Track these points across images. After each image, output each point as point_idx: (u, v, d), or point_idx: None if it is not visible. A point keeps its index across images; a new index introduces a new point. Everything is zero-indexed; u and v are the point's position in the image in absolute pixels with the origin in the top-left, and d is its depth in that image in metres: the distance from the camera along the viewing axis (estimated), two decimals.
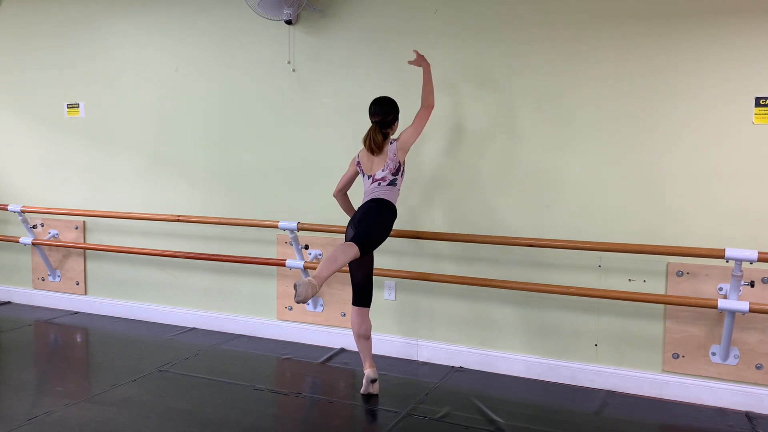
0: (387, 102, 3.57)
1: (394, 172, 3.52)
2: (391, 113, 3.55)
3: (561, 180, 3.75)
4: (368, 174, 3.57)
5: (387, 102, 3.57)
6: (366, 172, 3.59)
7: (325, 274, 3.15)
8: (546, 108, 3.75)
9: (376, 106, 3.56)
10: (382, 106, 3.55)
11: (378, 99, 3.60)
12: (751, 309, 3.20)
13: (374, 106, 3.57)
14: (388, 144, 3.54)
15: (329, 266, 3.18)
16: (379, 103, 3.57)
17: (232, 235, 4.67)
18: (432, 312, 4.13)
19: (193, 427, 3.14)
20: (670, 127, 3.51)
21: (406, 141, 3.53)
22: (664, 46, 3.49)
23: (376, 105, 3.57)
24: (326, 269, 3.16)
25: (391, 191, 3.53)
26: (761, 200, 3.35)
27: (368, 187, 3.56)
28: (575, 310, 3.77)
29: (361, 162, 3.62)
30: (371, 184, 3.55)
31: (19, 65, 5.39)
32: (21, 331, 4.78)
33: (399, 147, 3.52)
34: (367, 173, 3.58)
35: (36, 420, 3.18)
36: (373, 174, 3.54)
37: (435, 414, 3.31)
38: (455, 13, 3.94)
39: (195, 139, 4.77)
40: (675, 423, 3.30)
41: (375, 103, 3.58)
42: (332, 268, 3.18)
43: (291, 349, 4.36)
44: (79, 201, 5.22)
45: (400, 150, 3.53)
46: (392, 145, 3.54)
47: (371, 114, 3.56)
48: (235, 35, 4.56)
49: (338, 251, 3.24)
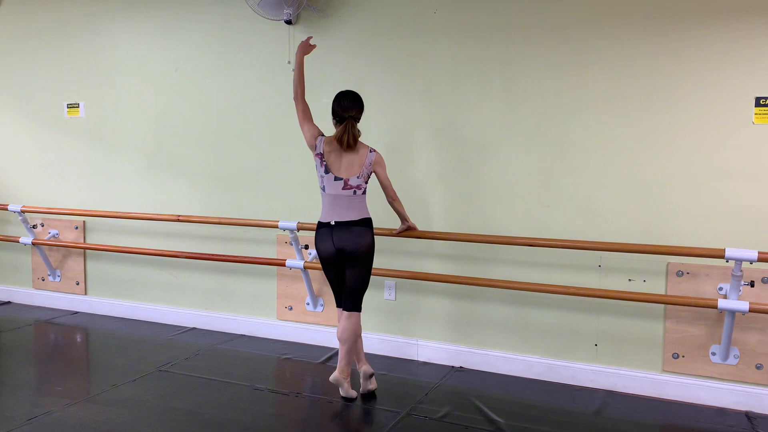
0: (359, 97, 3.42)
1: (366, 180, 3.43)
2: (362, 109, 3.43)
3: (561, 180, 3.75)
4: (338, 175, 3.37)
5: (359, 97, 3.42)
6: (334, 171, 3.37)
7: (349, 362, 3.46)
8: (546, 108, 3.75)
9: (349, 101, 3.37)
10: (356, 102, 3.38)
11: (349, 93, 3.41)
12: (751, 309, 3.20)
13: (347, 100, 3.37)
14: (364, 147, 3.43)
15: (350, 355, 3.45)
16: (353, 98, 3.39)
17: (232, 235, 4.67)
18: (432, 312, 4.13)
19: (193, 427, 3.14)
20: (670, 127, 3.51)
21: (382, 167, 3.46)
22: (664, 46, 3.49)
23: (350, 99, 3.37)
24: (348, 359, 3.45)
25: (364, 202, 3.44)
26: (761, 200, 3.35)
27: (338, 191, 3.36)
28: (575, 310, 3.77)
29: (325, 154, 3.39)
30: (343, 188, 3.36)
31: (19, 65, 5.39)
32: (21, 331, 4.78)
33: (377, 163, 3.44)
34: (336, 174, 3.37)
35: (36, 420, 3.18)
36: (347, 179, 3.37)
37: (435, 414, 3.31)
38: (455, 14, 3.94)
39: (195, 139, 4.77)
40: (675, 423, 3.30)
41: (347, 97, 3.38)
42: (353, 351, 3.47)
43: (291, 349, 4.36)
44: (79, 201, 5.22)
45: (378, 166, 3.44)
46: (371, 154, 3.43)
47: (345, 108, 3.35)
48: (235, 35, 4.56)
49: (351, 333, 3.42)
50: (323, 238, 3.42)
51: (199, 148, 4.76)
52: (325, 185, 3.40)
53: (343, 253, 3.39)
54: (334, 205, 3.39)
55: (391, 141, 4.13)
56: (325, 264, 3.48)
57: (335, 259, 3.42)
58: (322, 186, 3.42)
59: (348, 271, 3.42)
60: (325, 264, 3.48)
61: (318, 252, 3.47)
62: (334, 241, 3.38)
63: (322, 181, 3.42)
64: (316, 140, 3.44)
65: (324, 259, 3.45)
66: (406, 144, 4.11)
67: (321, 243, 3.43)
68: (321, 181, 3.43)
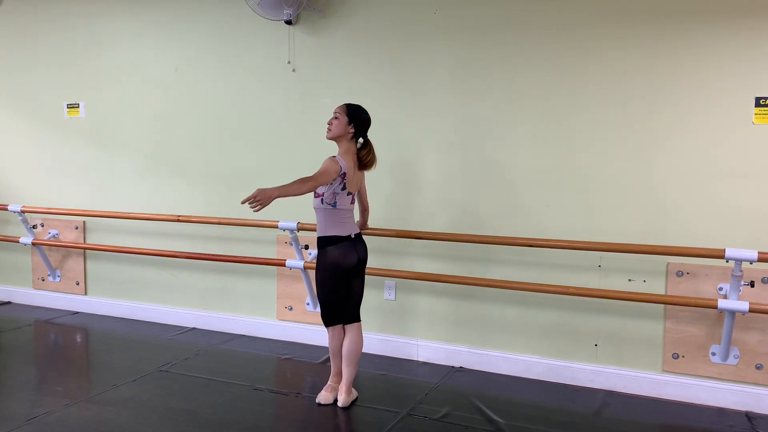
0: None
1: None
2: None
3: (560, 180, 3.75)
4: (350, 191, 3.32)
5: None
6: (348, 188, 3.31)
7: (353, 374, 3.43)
8: (546, 108, 3.75)
9: (369, 119, 3.37)
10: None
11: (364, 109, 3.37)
12: (751, 309, 3.20)
13: (369, 118, 3.37)
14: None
15: (354, 367, 3.41)
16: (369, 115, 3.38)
17: (232, 235, 4.67)
18: (432, 312, 4.13)
19: (193, 427, 3.14)
20: (670, 127, 3.51)
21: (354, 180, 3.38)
22: (664, 46, 3.49)
23: (369, 117, 3.37)
24: (352, 370, 3.41)
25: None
26: (761, 200, 3.35)
27: (347, 205, 3.33)
28: (575, 310, 3.77)
29: (348, 176, 3.28)
30: (350, 203, 3.36)
31: (19, 65, 5.39)
32: (21, 331, 4.78)
33: (365, 178, 3.49)
34: (349, 189, 3.32)
35: (36, 420, 3.18)
36: (354, 193, 3.39)
37: (435, 414, 3.31)
38: (455, 13, 3.94)
39: (195, 139, 4.77)
40: (675, 423, 3.30)
41: (368, 114, 3.37)
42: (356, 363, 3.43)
43: (291, 349, 4.36)
44: (79, 201, 5.22)
45: (364, 180, 3.49)
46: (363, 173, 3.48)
47: (369, 126, 3.37)
48: (235, 35, 4.56)
49: (357, 348, 3.39)
50: (349, 251, 3.31)
51: (199, 148, 4.76)
52: (337, 201, 3.28)
53: (360, 264, 3.39)
54: (347, 219, 3.35)
55: (391, 141, 4.13)
56: (342, 276, 3.32)
57: (355, 270, 3.37)
58: (333, 203, 3.28)
59: (356, 280, 3.40)
60: (342, 276, 3.32)
61: (339, 265, 3.28)
62: (358, 253, 3.36)
63: (334, 198, 3.28)
64: (339, 165, 3.25)
65: (344, 270, 3.31)
66: (405, 144, 4.12)
67: (347, 255, 3.30)
68: (332, 198, 3.28)
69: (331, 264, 3.29)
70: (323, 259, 3.31)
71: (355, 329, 3.40)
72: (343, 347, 3.40)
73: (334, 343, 3.43)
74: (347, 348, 3.37)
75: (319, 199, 3.32)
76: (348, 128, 3.29)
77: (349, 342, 3.38)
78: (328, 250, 3.29)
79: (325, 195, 3.29)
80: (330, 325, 3.41)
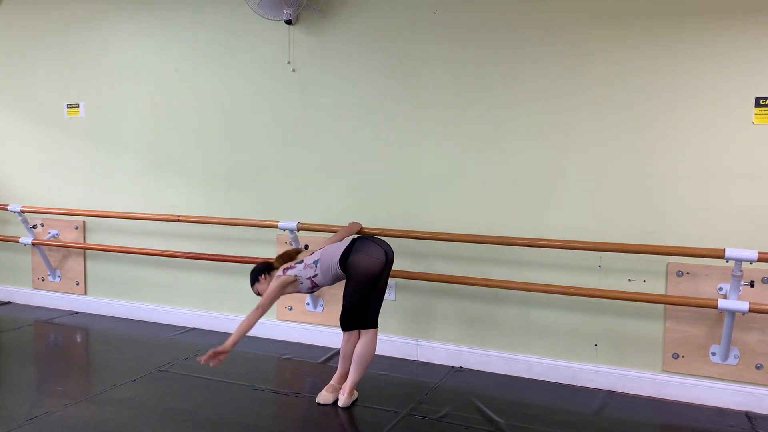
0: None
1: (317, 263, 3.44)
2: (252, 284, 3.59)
3: (560, 180, 3.75)
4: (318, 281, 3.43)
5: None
6: (331, 242, 3.60)
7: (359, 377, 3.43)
8: (546, 108, 3.75)
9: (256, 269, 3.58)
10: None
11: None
12: (751, 309, 3.20)
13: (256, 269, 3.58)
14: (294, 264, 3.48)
15: (362, 372, 3.40)
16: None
17: (232, 235, 4.67)
18: (432, 312, 4.13)
19: (193, 427, 3.14)
20: (669, 127, 3.51)
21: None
22: (664, 46, 3.49)
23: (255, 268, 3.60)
24: (360, 373, 3.40)
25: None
26: (761, 200, 3.35)
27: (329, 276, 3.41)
28: (575, 311, 3.77)
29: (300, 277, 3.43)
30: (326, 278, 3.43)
31: (19, 65, 5.39)
32: (21, 331, 4.78)
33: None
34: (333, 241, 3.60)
35: (36, 420, 3.18)
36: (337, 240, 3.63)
37: (435, 414, 3.31)
38: (455, 14, 3.94)
39: (195, 139, 4.77)
40: (675, 423, 3.30)
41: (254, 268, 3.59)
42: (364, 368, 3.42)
43: (291, 349, 4.35)
44: (79, 201, 5.22)
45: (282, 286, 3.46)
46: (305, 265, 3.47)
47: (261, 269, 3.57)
48: (235, 35, 4.56)
49: (371, 353, 3.37)
50: (373, 249, 3.33)
51: (199, 148, 4.76)
52: (318, 283, 3.44)
53: (387, 263, 3.40)
54: (343, 240, 3.59)
55: (390, 140, 4.13)
56: (372, 279, 3.30)
57: (381, 271, 3.35)
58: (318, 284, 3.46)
59: (381, 282, 3.38)
60: (372, 279, 3.30)
61: (369, 267, 3.28)
62: (385, 250, 3.38)
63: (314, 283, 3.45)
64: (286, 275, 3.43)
65: (374, 272, 3.30)
66: (405, 144, 4.11)
67: (375, 252, 3.32)
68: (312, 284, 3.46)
69: (363, 270, 3.30)
70: (353, 271, 3.31)
71: (372, 334, 3.38)
72: (355, 350, 3.38)
73: (348, 347, 3.42)
74: (361, 351, 3.36)
75: (313, 286, 3.46)
76: (265, 281, 3.50)
77: (363, 345, 3.36)
78: (352, 260, 3.30)
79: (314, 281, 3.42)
80: (348, 329, 3.40)
